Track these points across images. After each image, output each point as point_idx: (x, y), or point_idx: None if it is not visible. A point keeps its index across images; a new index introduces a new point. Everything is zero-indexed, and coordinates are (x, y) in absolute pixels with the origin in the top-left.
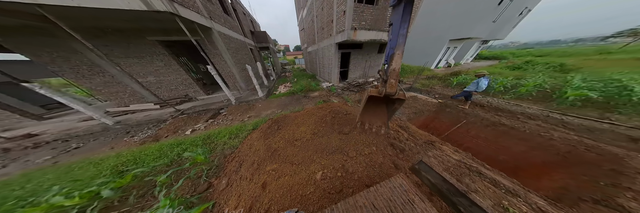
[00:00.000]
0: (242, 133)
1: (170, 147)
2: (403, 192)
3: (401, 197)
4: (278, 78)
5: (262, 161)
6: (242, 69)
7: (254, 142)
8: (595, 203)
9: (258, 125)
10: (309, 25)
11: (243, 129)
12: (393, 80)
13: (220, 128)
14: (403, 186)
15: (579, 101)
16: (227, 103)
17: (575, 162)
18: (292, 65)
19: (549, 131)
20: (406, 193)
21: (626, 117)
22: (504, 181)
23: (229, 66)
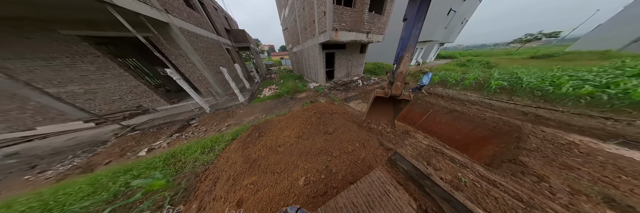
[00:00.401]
0: (218, 146)
1: (113, 176)
2: (381, 184)
3: (379, 189)
4: (262, 80)
5: (238, 175)
6: (217, 71)
7: (231, 154)
8: (509, 162)
9: (238, 133)
10: (292, 25)
11: (220, 140)
12: (399, 82)
13: (190, 143)
14: (381, 178)
15: (498, 89)
16: (200, 112)
17: (499, 134)
18: (278, 66)
19: (483, 113)
20: (383, 185)
21: (520, 98)
22: (459, 157)
23: (199, 69)
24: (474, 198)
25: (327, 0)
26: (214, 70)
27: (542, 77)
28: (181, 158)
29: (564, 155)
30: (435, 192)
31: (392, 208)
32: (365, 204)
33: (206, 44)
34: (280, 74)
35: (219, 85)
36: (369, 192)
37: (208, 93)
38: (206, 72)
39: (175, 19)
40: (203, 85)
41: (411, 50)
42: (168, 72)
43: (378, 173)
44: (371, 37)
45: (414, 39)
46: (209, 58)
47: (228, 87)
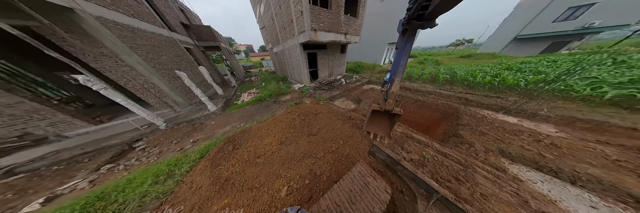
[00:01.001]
0: (180, 169)
1: None
2: (361, 178)
3: (359, 183)
4: (240, 85)
5: (205, 202)
6: (173, 76)
7: (196, 177)
8: (453, 136)
9: (209, 149)
10: (270, 24)
11: (182, 162)
12: (391, 100)
13: (134, 174)
14: (361, 172)
15: (444, 81)
16: (149, 130)
17: (447, 115)
18: (258, 68)
19: (436, 100)
20: (363, 178)
21: (457, 87)
22: (423, 138)
23: (143, 74)
24: (434, 170)
25: (304, 0)
26: (168, 74)
27: (466, 71)
28: (118, 198)
29: (480, 125)
30: (405, 174)
31: (371, 198)
32: (348, 201)
33: (152, 42)
34: (262, 77)
35: (179, 94)
36: (351, 187)
37: (161, 104)
38: (156, 78)
39: (86, 4)
40: (152, 94)
41: (400, 75)
42: (81, 79)
43: (359, 167)
44: (349, 38)
45: (403, 66)
46: (158, 59)
47: (192, 95)
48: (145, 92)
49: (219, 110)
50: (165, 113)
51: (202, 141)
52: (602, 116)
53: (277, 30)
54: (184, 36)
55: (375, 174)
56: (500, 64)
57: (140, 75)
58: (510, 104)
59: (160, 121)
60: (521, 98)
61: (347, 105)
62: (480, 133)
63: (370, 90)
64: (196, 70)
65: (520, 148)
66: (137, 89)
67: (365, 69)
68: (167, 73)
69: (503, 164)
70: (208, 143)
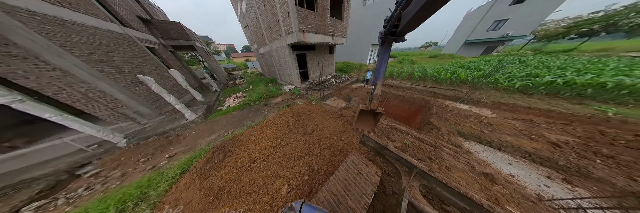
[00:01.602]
0: (157, 189)
1: None
2: (354, 166)
3: (353, 171)
4: (223, 88)
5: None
6: (133, 82)
7: (181, 193)
8: (427, 124)
9: (192, 163)
10: (254, 23)
11: (158, 181)
12: (375, 100)
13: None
14: (354, 161)
15: (418, 78)
16: (103, 149)
17: (421, 107)
18: (243, 70)
19: (413, 95)
20: (356, 166)
21: (428, 83)
22: (403, 128)
23: (86, 79)
24: (413, 153)
25: (290, 2)
26: (126, 80)
27: (434, 69)
28: None
29: (445, 113)
30: (391, 156)
31: (364, 182)
32: (343, 189)
33: (96, 39)
34: (248, 79)
35: (143, 102)
36: (345, 177)
37: (117, 117)
38: (106, 84)
39: None
40: (101, 105)
41: (381, 80)
42: None
43: (352, 157)
44: (336, 39)
45: (383, 72)
46: (108, 61)
47: (163, 102)
48: (90, 103)
49: (200, 118)
50: (126, 127)
51: (182, 154)
52: (513, 100)
53: (262, 30)
54: (144, 33)
55: (367, 161)
56: (456, 63)
57: (80, 81)
58: (463, 95)
59: (119, 137)
60: (470, 90)
61: (338, 103)
62: (444, 120)
63: (358, 89)
64: (165, 74)
65: (469, 128)
66: (77, 99)
67: (353, 69)
68: (124, 78)
69: (459, 142)
70: (191, 156)
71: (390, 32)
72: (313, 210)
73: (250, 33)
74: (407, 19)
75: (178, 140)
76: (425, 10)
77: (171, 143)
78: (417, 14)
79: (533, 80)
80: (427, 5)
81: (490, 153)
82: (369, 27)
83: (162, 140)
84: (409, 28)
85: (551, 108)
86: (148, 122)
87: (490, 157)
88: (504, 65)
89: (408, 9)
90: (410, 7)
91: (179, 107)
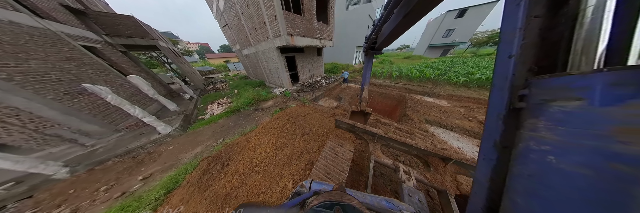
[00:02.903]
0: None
1: None
2: (331, 151)
3: (330, 155)
4: (201, 94)
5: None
6: (66, 92)
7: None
8: (404, 116)
9: (180, 179)
10: (235, 22)
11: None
12: (364, 103)
13: None
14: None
15: (396, 76)
16: (27, 186)
17: (400, 102)
18: (224, 73)
19: (393, 92)
20: (333, 149)
21: (404, 81)
22: (387, 121)
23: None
24: None
25: (276, 6)
26: (54, 90)
27: (408, 69)
28: None
29: (417, 106)
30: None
31: (340, 161)
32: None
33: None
34: (232, 83)
35: (90, 118)
36: (325, 163)
37: (48, 140)
38: (19, 98)
39: None
40: (14, 127)
41: (367, 85)
42: None
43: (329, 143)
44: (324, 42)
45: (368, 78)
46: (21, 67)
47: (120, 116)
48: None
49: (177, 130)
50: (62, 153)
51: (162, 173)
52: (459, 92)
53: (246, 30)
54: (76, 28)
55: (342, 141)
56: (423, 63)
57: None
58: (428, 90)
59: (54, 167)
60: (433, 85)
61: (330, 103)
62: (416, 111)
63: (347, 88)
64: (118, 80)
65: (433, 116)
66: None
67: (340, 69)
68: (53, 88)
69: (427, 127)
70: (175, 173)
71: (370, 47)
72: (321, 185)
73: (231, 33)
74: (381, 40)
75: (151, 158)
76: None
77: (141, 163)
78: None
79: (470, 76)
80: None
81: (446, 134)
82: (353, 30)
83: (128, 161)
84: (384, 45)
85: (480, 97)
86: (98, 142)
87: (446, 137)
88: (454, 65)
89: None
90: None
91: (148, 120)
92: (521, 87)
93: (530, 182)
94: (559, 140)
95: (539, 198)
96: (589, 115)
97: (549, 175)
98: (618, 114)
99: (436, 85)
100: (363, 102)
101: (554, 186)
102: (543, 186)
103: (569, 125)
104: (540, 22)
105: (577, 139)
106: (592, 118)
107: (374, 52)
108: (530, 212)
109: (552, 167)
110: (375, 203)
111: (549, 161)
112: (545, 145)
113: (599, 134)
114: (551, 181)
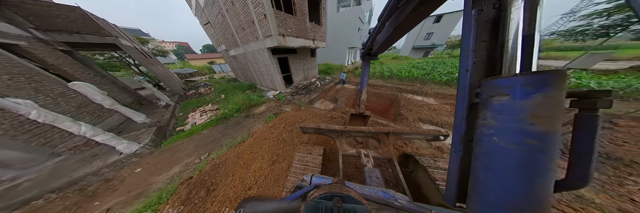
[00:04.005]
0: None
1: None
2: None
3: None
4: (180, 101)
5: None
6: None
7: None
8: (399, 115)
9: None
10: (219, 21)
11: None
12: (363, 105)
13: None
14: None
15: (387, 77)
16: None
17: (393, 101)
18: (208, 75)
19: (386, 91)
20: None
21: (395, 80)
22: (384, 121)
23: None
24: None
25: (266, 4)
26: None
27: (397, 69)
28: None
29: (409, 105)
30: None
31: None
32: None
33: None
34: (218, 86)
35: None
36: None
37: None
38: None
39: None
40: None
41: (365, 87)
42: None
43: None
44: (317, 43)
45: (366, 81)
46: None
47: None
48: None
49: (147, 146)
50: None
51: (125, 207)
52: (443, 90)
53: (232, 30)
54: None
55: (311, 148)
56: (410, 64)
57: None
58: (417, 89)
59: None
60: (421, 84)
61: (327, 105)
62: (409, 110)
63: (342, 89)
64: (57, 88)
65: (425, 114)
66: None
67: (334, 70)
68: None
69: (420, 125)
70: (144, 205)
71: (367, 53)
72: (321, 179)
73: (214, 31)
74: (376, 48)
75: (109, 187)
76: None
77: (94, 196)
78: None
79: (451, 76)
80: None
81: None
82: (345, 32)
83: (73, 195)
84: (379, 52)
85: None
86: (21, 174)
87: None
88: (436, 65)
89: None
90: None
91: (103, 138)
92: (476, 86)
93: (485, 158)
94: (498, 125)
95: (492, 171)
96: (513, 106)
97: (495, 151)
98: (528, 104)
99: (423, 84)
100: (362, 104)
101: (499, 159)
102: (493, 161)
103: (503, 114)
104: (486, 45)
105: (507, 123)
106: (515, 108)
107: (371, 57)
108: (488, 183)
109: (497, 146)
110: (372, 194)
111: (494, 141)
112: (490, 130)
113: (519, 119)
114: (497, 156)
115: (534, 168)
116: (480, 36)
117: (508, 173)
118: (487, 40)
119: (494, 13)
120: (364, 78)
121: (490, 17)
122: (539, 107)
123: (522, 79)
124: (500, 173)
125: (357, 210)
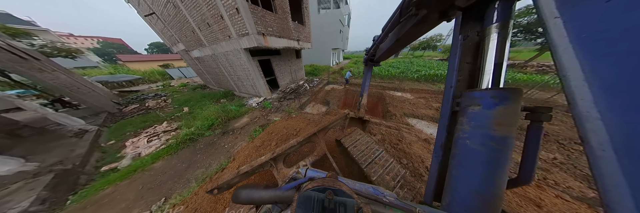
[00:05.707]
0: None
1: None
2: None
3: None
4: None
5: None
6: None
7: None
8: (387, 112)
9: None
10: (170, 12)
11: None
12: (363, 110)
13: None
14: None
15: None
16: None
17: (379, 99)
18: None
19: (372, 90)
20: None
21: (379, 79)
22: (377, 121)
23: None
24: (389, 139)
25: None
26: None
27: (378, 68)
28: None
29: (393, 101)
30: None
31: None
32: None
33: None
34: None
35: None
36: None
37: None
38: None
39: None
40: None
41: (366, 92)
42: None
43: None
44: (302, 44)
45: (367, 86)
46: None
47: None
48: None
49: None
50: None
51: None
52: (416, 86)
53: (192, 25)
54: None
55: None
56: (387, 63)
57: None
58: (396, 86)
59: None
60: (399, 82)
61: (319, 109)
62: (394, 106)
63: (332, 91)
64: None
65: (407, 109)
66: None
67: (321, 71)
68: None
69: (406, 120)
70: None
71: (370, 59)
72: (315, 172)
73: (163, 26)
74: (379, 55)
75: None
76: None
77: None
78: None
79: (419, 73)
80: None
81: (419, 123)
82: (328, 33)
83: None
84: (382, 59)
85: (429, 89)
86: None
87: (420, 125)
88: (408, 65)
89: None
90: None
91: None
92: (458, 97)
93: (459, 157)
94: (471, 130)
95: (462, 167)
96: (482, 114)
97: (467, 151)
98: (493, 113)
99: (401, 81)
100: (362, 108)
101: (469, 157)
102: (464, 159)
103: (475, 121)
104: (470, 66)
105: (477, 129)
106: (484, 116)
107: (373, 63)
108: (458, 177)
109: (468, 147)
110: (363, 190)
111: (467, 143)
112: (465, 134)
113: (486, 125)
114: (468, 155)
115: (494, 164)
116: (465, 58)
117: (474, 169)
118: (471, 62)
119: (477, 39)
120: (366, 83)
121: (474, 42)
122: (500, 116)
123: (490, 92)
124: (469, 168)
125: (347, 203)
